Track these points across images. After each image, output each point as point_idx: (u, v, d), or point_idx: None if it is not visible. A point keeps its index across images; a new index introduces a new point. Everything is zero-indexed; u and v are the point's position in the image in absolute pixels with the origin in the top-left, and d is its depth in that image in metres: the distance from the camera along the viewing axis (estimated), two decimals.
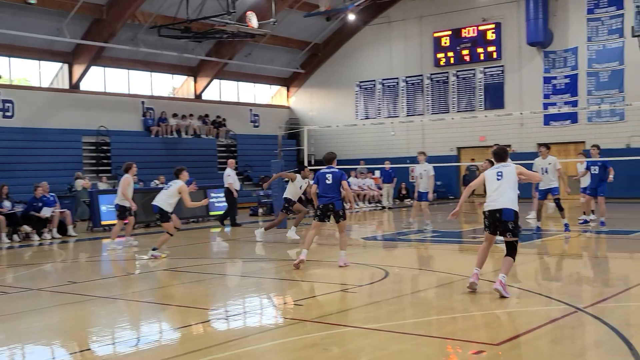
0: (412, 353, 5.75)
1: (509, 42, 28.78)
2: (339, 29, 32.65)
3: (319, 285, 9.34)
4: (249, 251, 14.32)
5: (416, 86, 31.26)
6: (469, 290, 8.01)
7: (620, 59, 26.16)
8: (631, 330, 6.20)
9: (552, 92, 27.76)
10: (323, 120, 31.95)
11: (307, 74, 34.42)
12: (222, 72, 31.01)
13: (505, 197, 8.03)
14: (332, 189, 10.75)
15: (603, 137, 24.67)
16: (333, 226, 18.35)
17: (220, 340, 6.40)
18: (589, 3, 26.83)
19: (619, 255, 11.96)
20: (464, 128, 26.77)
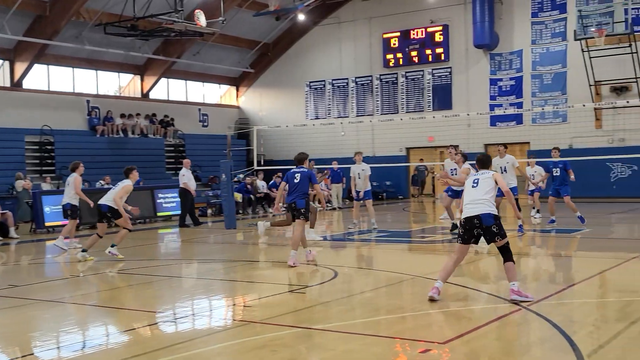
0: (360, 353, 5.76)
1: (457, 44, 29.22)
2: (288, 29, 32.61)
3: (268, 286, 9.30)
4: (198, 252, 14.18)
5: (366, 87, 31.46)
6: (429, 300, 7.62)
7: (563, 61, 26.82)
8: (574, 327, 6.35)
9: (498, 93, 28.29)
10: (273, 120, 31.88)
11: (257, 73, 34.28)
12: (170, 70, 30.62)
13: (482, 205, 7.73)
14: (298, 188, 10.98)
15: (547, 138, 25.29)
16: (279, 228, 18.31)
17: (167, 343, 6.31)
18: (533, 7, 27.43)
19: (562, 254, 12.24)
20: (412, 128, 27.03)
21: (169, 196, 21.91)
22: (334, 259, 11.41)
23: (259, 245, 15.07)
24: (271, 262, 11.83)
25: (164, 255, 14.26)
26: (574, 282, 9.01)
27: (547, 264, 11.28)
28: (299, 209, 10.91)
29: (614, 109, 25.28)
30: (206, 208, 23.70)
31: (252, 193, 24.70)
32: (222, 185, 18.38)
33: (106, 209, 12.14)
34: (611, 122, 25.84)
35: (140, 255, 13.51)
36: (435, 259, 12.18)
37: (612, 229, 16.05)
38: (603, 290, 8.57)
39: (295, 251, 10.75)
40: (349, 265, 11.14)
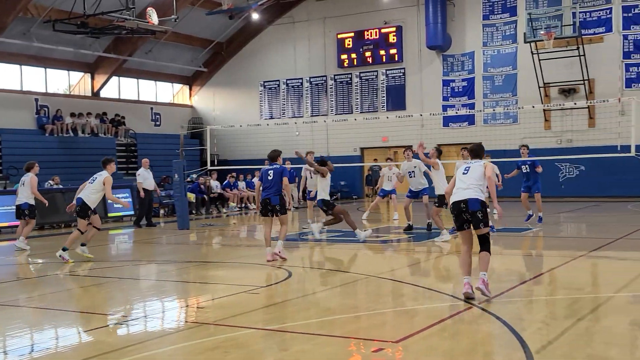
0: (314, 353, 5.76)
1: (410, 45, 29.50)
2: (242, 28, 32.45)
3: (221, 287, 9.23)
4: (150, 253, 13.99)
5: (320, 87, 31.51)
6: (464, 299, 7.49)
7: (513, 63, 27.33)
8: (523, 324, 6.47)
9: (451, 94, 28.67)
10: (227, 120, 31.70)
11: (210, 72, 34.03)
12: (121, 69, 30.16)
13: (470, 190, 7.79)
14: (272, 185, 11.19)
15: (498, 138, 25.74)
16: (235, 228, 18.20)
17: (118, 346, 6.20)
18: (485, 10, 27.89)
19: (512, 253, 12.46)
20: (367, 129, 27.20)
21: (120, 196, 21.54)
22: (289, 259, 11.38)
23: (212, 245, 14.96)
24: (225, 262, 11.74)
25: (115, 257, 14.02)
26: (523, 280, 9.18)
27: (498, 262, 11.46)
28: (273, 205, 11.12)
29: (563, 111, 25.89)
30: (158, 208, 23.40)
31: (205, 193, 24.51)
32: (175, 186, 18.16)
33: (79, 202, 11.92)
34: (559, 124, 26.45)
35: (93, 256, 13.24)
36: (389, 258, 12.27)
37: (560, 228, 16.41)
38: (551, 288, 8.75)
39: (282, 242, 11.12)
40: (303, 266, 11.13)
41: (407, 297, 8.28)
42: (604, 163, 23.54)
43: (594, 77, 25.58)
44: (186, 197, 18.70)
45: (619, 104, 22.67)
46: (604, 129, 24.40)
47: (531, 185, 16.00)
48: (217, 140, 30.19)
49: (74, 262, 11.76)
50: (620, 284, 8.52)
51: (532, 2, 26.81)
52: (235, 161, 29.59)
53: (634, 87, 25.05)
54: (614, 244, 12.42)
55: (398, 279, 9.27)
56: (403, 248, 13.54)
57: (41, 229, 18.43)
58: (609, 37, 25.69)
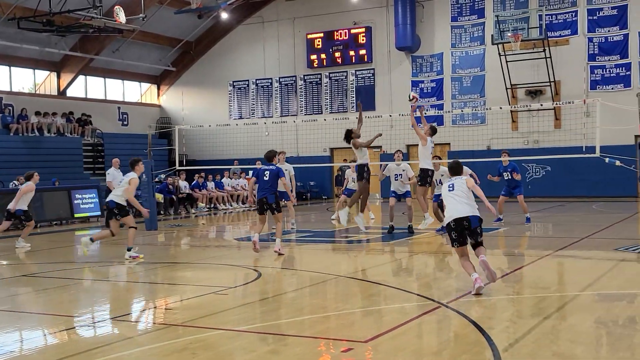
0: (283, 353, 5.75)
1: (379, 46, 29.62)
2: (211, 27, 32.27)
3: (190, 288, 9.16)
4: (118, 254, 13.82)
5: (290, 87, 31.47)
6: (476, 294, 7.82)
7: (481, 65, 27.61)
8: (490, 323, 6.53)
9: (420, 95, 28.81)
10: (196, 120, 31.46)
11: (179, 72, 33.78)
12: (88, 68, 29.78)
13: (466, 206, 8.15)
14: (267, 185, 11.79)
15: (466, 139, 25.99)
16: (204, 228, 18.10)
17: (84, 348, 6.11)
18: (453, 11, 28.12)
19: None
20: (336, 129, 27.16)
21: (87, 197, 21.32)
22: (257, 260, 11.35)
23: (180, 246, 14.85)
24: (194, 263, 11.66)
25: (81, 258, 13.82)
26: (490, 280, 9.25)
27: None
28: (270, 203, 11.76)
29: (529, 112, 26.22)
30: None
31: (174, 193, 24.32)
32: (143, 186, 17.97)
33: (113, 205, 11.90)
34: (526, 125, 26.79)
35: (56, 257, 13.07)
36: (359, 258, 12.29)
37: (527, 228, 16.59)
38: (518, 287, 8.84)
39: (280, 239, 11.77)
40: (273, 266, 11.10)
41: (377, 297, 8.30)
42: (569, 164, 23.90)
43: (559, 79, 25.96)
44: (154, 198, 18.54)
45: (584, 106, 23.04)
46: (570, 130, 24.78)
47: (512, 189, 16.32)
48: (186, 140, 29.98)
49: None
50: (585, 282, 8.66)
51: (500, 4, 27.11)
52: (204, 161, 29.42)
53: (598, 88, 25.47)
54: (579, 244, 12.61)
55: (368, 279, 9.30)
56: (373, 248, 13.58)
57: (6, 230, 18.10)
58: (575, 39, 26.10)
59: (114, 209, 11.92)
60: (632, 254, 10.97)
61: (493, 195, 16.12)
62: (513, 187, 16.36)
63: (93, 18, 23.05)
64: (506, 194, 16.42)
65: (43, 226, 19.82)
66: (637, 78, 25.06)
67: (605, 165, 15.79)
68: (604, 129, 18.14)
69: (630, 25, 25.27)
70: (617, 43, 25.46)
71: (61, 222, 20.30)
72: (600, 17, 25.75)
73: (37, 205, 19.87)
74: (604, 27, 25.67)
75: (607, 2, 25.65)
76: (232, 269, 10.66)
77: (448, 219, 8.21)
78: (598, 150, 15.10)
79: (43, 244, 15.73)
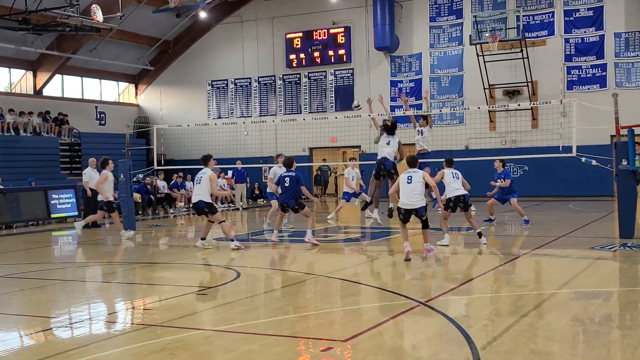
0: (262, 353, 5.73)
1: (358, 46, 29.67)
2: (190, 27, 32.12)
3: (169, 288, 9.10)
4: (95, 255, 13.71)
5: (269, 86, 31.42)
6: (405, 259, 10.12)
7: (459, 65, 27.77)
8: (469, 321, 6.57)
9: (399, 95, 28.90)
10: (174, 119, 31.30)
11: (157, 71, 33.57)
12: (65, 67, 29.49)
13: (417, 197, 10.39)
14: (289, 190, 12.96)
15: (445, 139, 26.09)
16: (183, 228, 18.04)
17: (61, 349, 6.05)
18: (432, 12, 28.25)
19: (457, 251, 12.64)
20: (315, 129, 27.20)
21: (64, 197, 21.11)
22: (236, 260, 11.32)
23: (159, 246, 14.77)
24: (172, 263, 11.60)
25: (58, 258, 13.69)
26: (469, 278, 9.32)
27: (444, 261, 11.63)
28: (291, 206, 12.98)
29: (507, 112, 26.41)
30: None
31: (152, 193, 24.17)
32: (121, 186, 17.85)
33: (203, 204, 12.42)
34: (504, 124, 26.98)
35: (33, 258, 12.93)
36: (338, 258, 12.31)
37: (505, 227, 16.72)
38: (497, 286, 8.91)
39: (310, 230, 12.88)
40: (252, 266, 11.08)
41: (356, 296, 8.32)
42: (546, 163, 24.11)
43: (537, 79, 26.19)
44: (132, 198, 18.40)
45: (561, 106, 23.29)
46: (547, 129, 25.00)
47: (506, 195, 16.54)
48: (164, 139, 29.85)
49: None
50: (562, 281, 8.74)
51: (478, 5, 27.29)
52: (183, 161, 29.26)
53: (575, 89, 25.74)
54: (556, 242, 12.73)
55: (346, 278, 9.31)
56: (352, 248, 13.60)
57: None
58: (552, 40, 26.35)
59: (204, 209, 12.47)
60: (608, 253, 11.10)
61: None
62: (507, 192, 16.57)
63: (70, 17, 22.81)
64: (498, 199, 16.64)
65: (19, 226, 19.60)
66: (612, 78, 25.37)
67: (582, 165, 15.92)
68: (581, 129, 18.31)
69: (606, 26, 25.56)
70: (593, 44, 25.75)
71: (38, 223, 20.09)
72: (577, 18, 26.03)
73: (13, 205, 19.69)
74: (580, 28, 25.95)
75: (583, 3, 25.93)
76: (211, 269, 10.62)
77: (400, 205, 10.53)
78: (575, 149, 15.24)
79: (20, 244, 15.56)
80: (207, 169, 12.60)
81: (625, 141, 12.86)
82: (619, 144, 12.97)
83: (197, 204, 12.48)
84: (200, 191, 12.45)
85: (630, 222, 12.79)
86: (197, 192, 12.56)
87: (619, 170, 12.83)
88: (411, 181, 10.37)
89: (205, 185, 12.43)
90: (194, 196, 12.66)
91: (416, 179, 10.42)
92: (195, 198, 12.58)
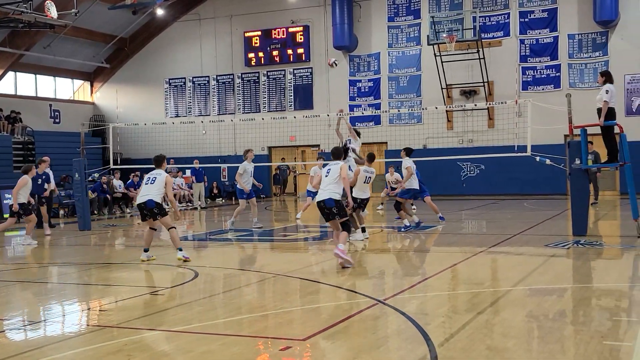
0: (220, 353, 5.69)
1: (317, 45, 29.70)
2: (146, 24, 31.74)
3: (125, 289, 8.97)
4: (50, 255, 13.45)
5: (227, 85, 31.24)
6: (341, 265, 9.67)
7: (417, 65, 28.01)
8: (427, 319, 6.63)
9: (357, 94, 29.06)
10: (131, 118, 30.90)
11: (113, 69, 33.09)
12: (18, 64, 28.86)
13: (329, 190, 9.98)
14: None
15: (403, 138, 26.33)
16: (139, 228, 17.78)
17: (13, 352, 5.91)
18: (390, 12, 28.43)
19: (417, 249, 12.76)
20: (274, 128, 27.17)
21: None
22: (195, 259, 11.22)
23: (115, 246, 14.56)
24: (129, 264, 11.44)
25: (11, 259, 13.38)
26: (426, 276, 9.41)
27: (402, 259, 11.73)
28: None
29: (464, 112, 26.75)
30: (58, 209, 22.53)
31: (108, 193, 23.81)
32: (76, 185, 17.55)
33: (153, 204, 10.92)
34: (461, 124, 27.32)
35: None
36: (297, 257, 12.30)
37: (462, 225, 16.94)
38: (453, 283, 9.01)
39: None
40: (211, 265, 11.00)
41: (314, 295, 8.33)
42: (502, 162, 24.49)
43: (493, 80, 26.57)
44: (87, 197, 18.10)
45: (516, 106, 23.67)
46: (503, 129, 25.40)
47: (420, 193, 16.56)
48: (121, 138, 29.46)
49: None
50: (518, 278, 8.89)
51: (435, 6, 27.56)
52: (140, 160, 28.90)
53: (530, 89, 26.19)
54: (511, 240, 12.94)
55: (306, 277, 9.31)
56: (311, 247, 13.61)
57: None
58: (507, 41, 26.77)
59: (153, 209, 10.98)
60: (562, 250, 11.32)
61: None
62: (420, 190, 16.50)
63: (23, 12, 22.32)
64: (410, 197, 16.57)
65: None
66: (566, 79, 25.89)
67: (536, 164, 16.25)
68: (535, 129, 18.69)
69: (560, 28, 26.08)
70: (547, 45, 26.24)
71: None
72: (532, 19, 26.49)
73: None
74: (535, 29, 26.42)
75: (538, 5, 26.40)
76: (168, 269, 10.51)
77: (317, 199, 10.19)
78: (529, 149, 15.53)
79: None
80: (162, 171, 11.30)
81: (578, 141, 13.13)
82: (572, 144, 13.24)
83: (146, 204, 10.93)
84: (152, 191, 11.00)
85: (583, 220, 13.07)
86: (147, 191, 11.03)
87: (572, 169, 13.09)
88: (329, 174, 10.15)
89: (158, 187, 11.02)
90: (142, 196, 11.03)
91: (333, 172, 10.13)
92: (143, 198, 10.98)
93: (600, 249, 11.52)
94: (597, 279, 9.13)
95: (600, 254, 11.06)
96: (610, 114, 12.54)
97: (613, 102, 12.61)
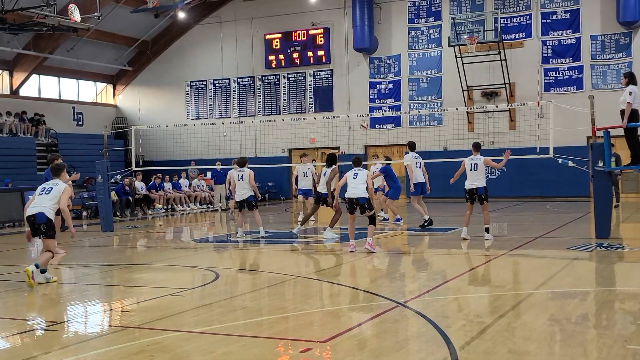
0: (240, 354, 5.72)
1: (337, 47, 29.71)
2: (168, 27, 31.97)
3: (147, 290, 9.04)
4: (73, 256, 13.58)
5: (248, 87, 31.36)
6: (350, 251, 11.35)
7: (438, 67, 27.91)
8: (447, 322, 6.60)
9: (377, 96, 29.02)
10: (152, 120, 31.12)
11: (135, 71, 33.36)
12: (42, 67, 29.22)
13: (360, 189, 11.79)
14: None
15: (423, 140, 26.22)
16: (161, 229, 17.89)
17: (37, 352, 5.98)
18: (410, 13, 28.37)
19: (436, 252, 12.71)
20: (294, 130, 27.21)
21: None
22: (216, 261, 11.27)
23: (137, 248, 14.67)
24: (150, 265, 11.52)
25: (35, 260, 13.53)
26: (447, 279, 9.37)
27: (422, 261, 11.69)
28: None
29: (485, 113, 26.60)
30: (81, 210, 22.77)
31: (130, 194, 24.01)
32: (98, 187, 17.72)
33: (44, 219, 9.47)
34: (482, 126, 27.16)
35: (9, 260, 12.78)
36: (317, 259, 12.31)
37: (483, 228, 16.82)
38: (474, 286, 8.97)
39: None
40: (231, 267, 11.04)
41: (335, 297, 8.33)
42: (524, 164, 24.32)
43: (514, 81, 26.39)
44: (110, 199, 18.27)
45: (538, 107, 23.49)
46: (524, 131, 25.21)
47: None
48: (142, 140, 29.67)
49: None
50: (540, 281, 8.82)
51: (456, 7, 27.45)
52: (161, 162, 29.12)
53: (552, 90, 25.98)
54: (533, 243, 12.84)
55: (325, 279, 9.32)
56: (330, 249, 13.61)
57: None
58: (529, 42, 26.58)
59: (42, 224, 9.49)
60: (585, 253, 11.22)
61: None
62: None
63: (47, 16, 22.60)
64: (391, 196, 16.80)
65: None
66: (589, 80, 25.64)
67: (559, 166, 16.08)
68: (557, 130, 18.51)
69: (582, 29, 25.84)
70: (569, 46, 26.02)
71: (14, 224, 19.86)
72: (554, 20, 26.28)
73: None
74: (557, 30, 26.21)
75: (560, 5, 26.20)
76: (189, 270, 10.57)
77: (347, 195, 11.92)
78: (551, 151, 15.40)
79: None
80: (60, 181, 9.77)
81: (601, 143, 13.00)
82: (595, 146, 13.11)
83: (36, 217, 9.38)
84: (45, 203, 9.46)
85: (606, 222, 12.94)
86: (39, 203, 9.50)
87: (595, 171, 12.97)
88: (357, 177, 11.91)
89: (53, 198, 9.49)
90: (33, 207, 9.48)
91: (361, 175, 11.96)
92: (33, 210, 9.43)
93: (623, 251, 11.40)
94: (620, 282, 9.03)
95: (623, 257, 10.94)
96: (633, 115, 12.40)
97: (636, 103, 12.47)
